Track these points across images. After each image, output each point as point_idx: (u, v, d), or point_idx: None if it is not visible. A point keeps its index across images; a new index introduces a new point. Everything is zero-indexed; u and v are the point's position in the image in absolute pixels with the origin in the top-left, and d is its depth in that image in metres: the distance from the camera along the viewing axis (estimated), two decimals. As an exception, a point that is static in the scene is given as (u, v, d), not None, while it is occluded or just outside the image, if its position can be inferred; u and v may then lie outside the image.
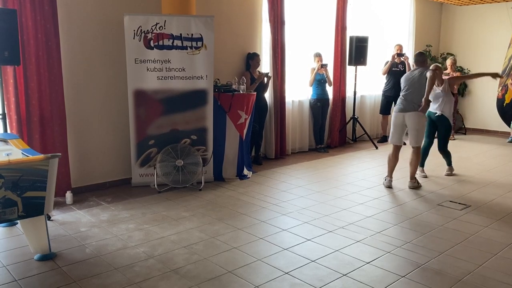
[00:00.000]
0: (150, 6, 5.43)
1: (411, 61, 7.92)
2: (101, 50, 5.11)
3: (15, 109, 4.42)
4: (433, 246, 3.69)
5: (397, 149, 5.39)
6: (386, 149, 7.59)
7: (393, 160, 5.40)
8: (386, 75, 8.16)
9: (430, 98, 5.32)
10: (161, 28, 5.08)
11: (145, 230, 3.98)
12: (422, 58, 5.34)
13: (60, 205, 4.64)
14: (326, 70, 7.27)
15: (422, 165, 5.97)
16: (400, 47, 8.17)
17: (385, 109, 8.31)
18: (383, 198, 4.98)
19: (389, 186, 5.38)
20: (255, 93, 5.94)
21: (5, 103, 4.33)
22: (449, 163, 6.08)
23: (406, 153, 5.65)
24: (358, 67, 7.86)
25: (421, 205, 4.75)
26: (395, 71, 7.96)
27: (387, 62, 8.15)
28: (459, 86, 8.78)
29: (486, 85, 9.53)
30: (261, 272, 3.20)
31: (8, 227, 4.02)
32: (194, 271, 3.22)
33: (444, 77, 6.02)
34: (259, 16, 6.64)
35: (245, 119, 5.67)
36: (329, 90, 7.55)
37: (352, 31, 7.82)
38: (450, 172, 6.05)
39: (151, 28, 5.06)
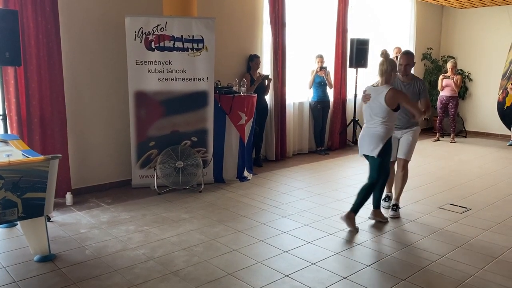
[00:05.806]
0: (151, 7, 5.43)
1: None
2: (102, 51, 5.11)
3: (15, 110, 4.42)
4: (434, 249, 3.68)
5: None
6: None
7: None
8: None
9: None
10: (162, 29, 5.08)
11: (145, 232, 3.97)
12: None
13: (60, 206, 4.63)
14: (325, 73, 7.25)
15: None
16: (399, 49, 8.16)
17: None
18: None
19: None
20: (256, 95, 5.94)
21: (6, 104, 4.33)
22: (377, 204, 4.32)
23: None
24: (359, 69, 7.86)
25: (421, 208, 4.74)
26: None
27: None
28: (460, 89, 8.73)
29: (486, 88, 9.54)
30: (261, 275, 3.19)
31: (8, 228, 4.01)
32: (194, 273, 3.21)
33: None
34: (260, 18, 6.64)
35: (246, 120, 5.66)
36: (330, 92, 7.56)
37: (353, 33, 7.82)
38: (384, 218, 4.32)
39: (152, 30, 5.05)
